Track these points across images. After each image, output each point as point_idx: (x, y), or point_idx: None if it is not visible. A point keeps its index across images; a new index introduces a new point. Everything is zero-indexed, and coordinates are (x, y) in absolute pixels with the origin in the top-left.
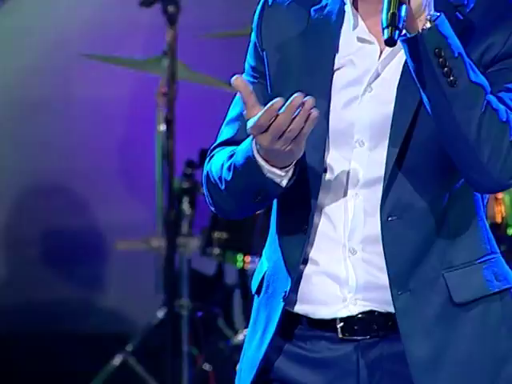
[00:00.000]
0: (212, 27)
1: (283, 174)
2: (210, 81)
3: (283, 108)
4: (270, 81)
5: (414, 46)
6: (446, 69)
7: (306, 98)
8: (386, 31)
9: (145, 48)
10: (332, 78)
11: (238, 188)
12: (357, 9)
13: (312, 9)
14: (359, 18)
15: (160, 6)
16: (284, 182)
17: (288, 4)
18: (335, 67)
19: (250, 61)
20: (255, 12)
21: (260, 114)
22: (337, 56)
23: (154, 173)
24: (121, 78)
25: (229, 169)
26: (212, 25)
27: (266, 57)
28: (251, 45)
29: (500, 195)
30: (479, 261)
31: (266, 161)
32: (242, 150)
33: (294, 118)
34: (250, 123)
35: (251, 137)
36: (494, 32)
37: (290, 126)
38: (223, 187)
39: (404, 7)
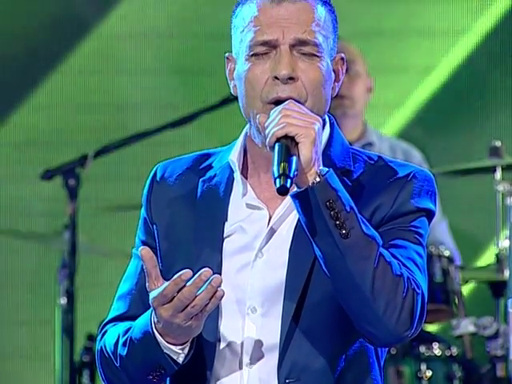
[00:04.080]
0: (113, 199)
1: (180, 351)
2: (111, 253)
3: (190, 281)
4: (161, 254)
5: (306, 199)
6: (338, 221)
7: (213, 276)
8: (277, 181)
9: (46, 221)
10: (222, 245)
11: (134, 364)
12: (246, 177)
13: (200, 180)
14: (248, 186)
15: (61, 180)
16: (181, 359)
17: (176, 178)
18: (225, 234)
19: (140, 235)
20: (145, 186)
21: (166, 284)
22: (227, 223)
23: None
24: (23, 250)
25: (124, 344)
26: (114, 197)
27: (156, 231)
28: (141, 220)
29: (401, 368)
30: None
31: (163, 336)
32: (139, 325)
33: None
34: (152, 294)
35: (150, 311)
36: (382, 194)
37: (194, 300)
38: (118, 363)
39: (294, 159)
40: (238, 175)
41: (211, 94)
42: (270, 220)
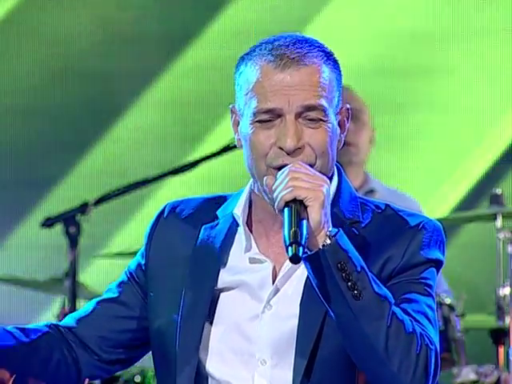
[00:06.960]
0: (113, 246)
1: None
2: None
3: None
4: (147, 291)
5: (317, 262)
6: (349, 282)
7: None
8: (289, 249)
9: (46, 268)
10: (214, 296)
11: None
12: (250, 229)
13: (203, 226)
14: (252, 239)
15: (61, 227)
16: None
17: (182, 219)
18: (224, 286)
19: (131, 265)
20: (150, 222)
21: None
22: (224, 275)
23: None
24: (23, 298)
25: None
26: (114, 244)
27: (148, 268)
28: (139, 252)
29: None
30: None
31: None
32: None
33: None
34: None
35: None
36: (391, 246)
37: None
38: None
39: (304, 223)
40: (241, 228)
41: None
42: (273, 271)
